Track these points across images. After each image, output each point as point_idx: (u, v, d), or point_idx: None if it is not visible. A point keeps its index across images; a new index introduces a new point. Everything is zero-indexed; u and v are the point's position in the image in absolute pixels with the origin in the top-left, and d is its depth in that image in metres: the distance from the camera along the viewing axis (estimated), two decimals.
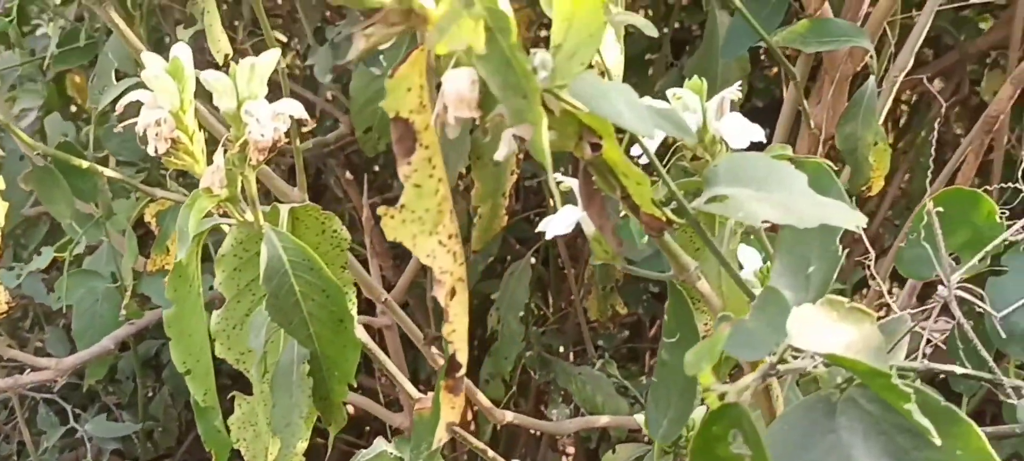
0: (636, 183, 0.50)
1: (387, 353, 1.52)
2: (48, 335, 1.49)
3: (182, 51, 0.62)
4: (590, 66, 0.46)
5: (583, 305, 1.59)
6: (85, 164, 0.87)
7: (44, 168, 0.90)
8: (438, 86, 0.46)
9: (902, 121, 1.81)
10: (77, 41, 0.98)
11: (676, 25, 1.49)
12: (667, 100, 1.19)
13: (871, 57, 0.90)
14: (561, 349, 1.70)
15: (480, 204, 1.31)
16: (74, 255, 1.03)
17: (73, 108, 1.50)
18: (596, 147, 0.48)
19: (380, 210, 0.48)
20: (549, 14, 0.49)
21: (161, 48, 1.42)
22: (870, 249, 0.80)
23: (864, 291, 1.42)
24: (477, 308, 1.64)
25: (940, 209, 0.59)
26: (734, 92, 0.59)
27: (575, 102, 0.46)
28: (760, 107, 1.55)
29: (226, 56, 0.75)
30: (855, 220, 0.48)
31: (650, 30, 0.49)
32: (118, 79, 0.92)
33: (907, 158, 1.59)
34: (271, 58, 0.61)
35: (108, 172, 0.89)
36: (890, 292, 1.03)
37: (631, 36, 1.51)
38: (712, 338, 0.45)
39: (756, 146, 0.61)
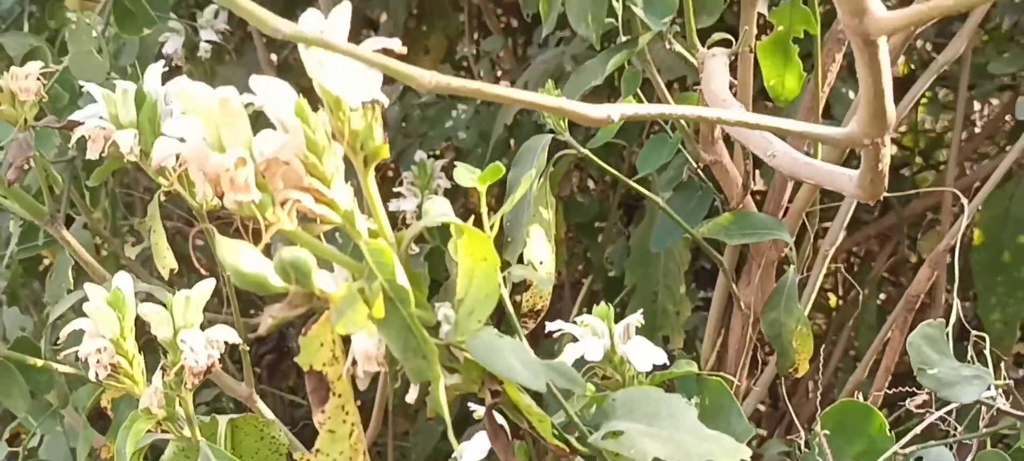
0: (538, 420, 0.54)
1: None
2: None
3: (123, 281, 0.66)
4: (487, 323, 0.50)
5: None
6: (40, 363, 0.91)
7: (0, 365, 0.93)
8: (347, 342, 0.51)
9: (852, 273, 1.87)
10: (36, 238, 1.02)
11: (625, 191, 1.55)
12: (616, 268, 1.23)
13: (790, 249, 0.95)
14: None
15: None
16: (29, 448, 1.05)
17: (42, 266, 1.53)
18: (496, 393, 0.52)
19: (297, 456, 0.52)
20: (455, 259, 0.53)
21: (132, 209, 1.47)
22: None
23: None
24: None
25: (827, 432, 0.63)
26: (638, 319, 0.63)
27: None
28: (707, 268, 1.59)
29: (170, 270, 0.79)
30: (738, 454, 0.52)
31: (547, 284, 0.54)
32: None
33: (853, 314, 1.64)
34: (205, 289, 0.65)
35: (63, 368, 0.93)
36: None
37: (581, 205, 1.57)
38: None
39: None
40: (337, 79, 0.46)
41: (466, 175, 0.56)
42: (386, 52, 0.45)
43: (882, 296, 1.81)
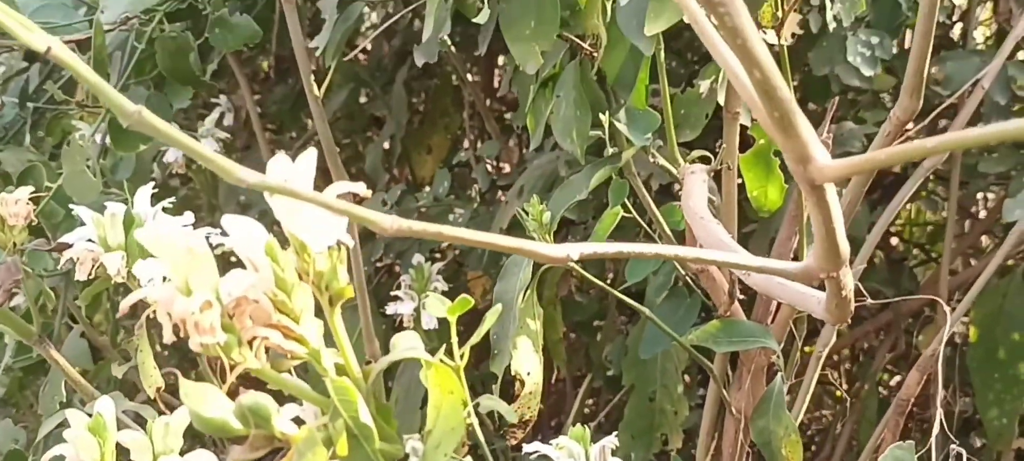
0: None
1: None
2: None
3: (105, 406, 0.67)
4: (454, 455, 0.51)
5: None
6: None
7: None
8: None
9: (858, 363, 1.88)
10: (30, 353, 1.03)
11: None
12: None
13: (778, 357, 0.95)
14: None
15: None
16: None
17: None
18: None
19: None
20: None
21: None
22: None
23: None
24: None
25: None
26: (612, 441, 0.64)
27: None
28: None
29: (157, 389, 0.80)
30: None
31: (511, 417, 0.54)
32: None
33: (856, 408, 1.64)
34: (185, 416, 0.66)
35: None
36: None
37: (580, 305, 1.58)
38: None
39: None
40: (303, 222, 0.47)
41: (437, 306, 0.57)
42: (353, 197, 0.47)
43: (890, 387, 1.81)
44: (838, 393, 1.94)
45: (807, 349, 1.18)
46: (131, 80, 1.12)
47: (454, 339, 0.56)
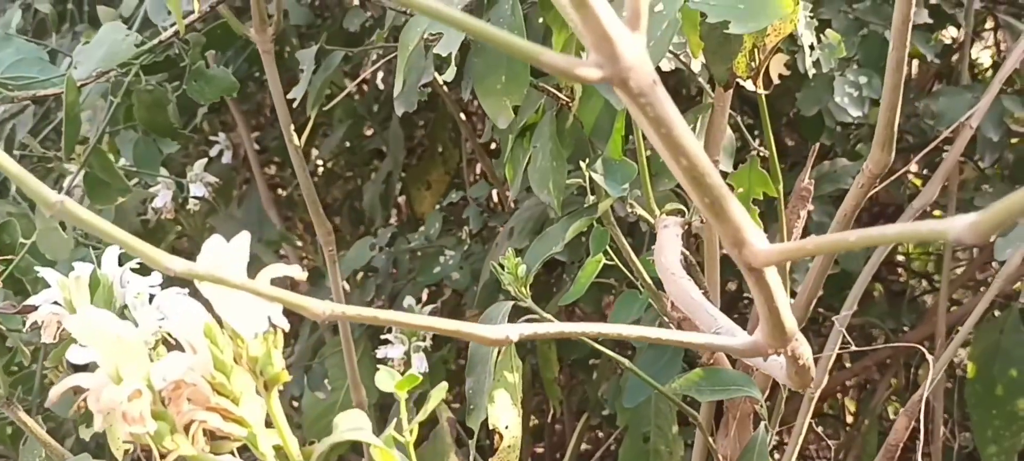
0: None
1: None
2: None
3: None
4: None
5: None
6: None
7: None
8: None
9: (864, 391, 1.86)
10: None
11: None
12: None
13: (761, 405, 0.94)
14: None
15: None
16: None
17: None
18: None
19: None
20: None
21: None
22: None
23: None
24: None
25: None
26: None
27: None
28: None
29: (125, 452, 0.79)
30: None
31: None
32: None
33: (858, 443, 1.63)
34: None
35: None
36: None
37: (575, 343, 1.57)
38: None
39: None
40: (234, 307, 0.46)
41: (386, 379, 0.56)
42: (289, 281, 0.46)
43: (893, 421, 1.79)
44: (847, 421, 1.93)
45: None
46: (119, 126, 1.12)
47: (404, 414, 0.55)
